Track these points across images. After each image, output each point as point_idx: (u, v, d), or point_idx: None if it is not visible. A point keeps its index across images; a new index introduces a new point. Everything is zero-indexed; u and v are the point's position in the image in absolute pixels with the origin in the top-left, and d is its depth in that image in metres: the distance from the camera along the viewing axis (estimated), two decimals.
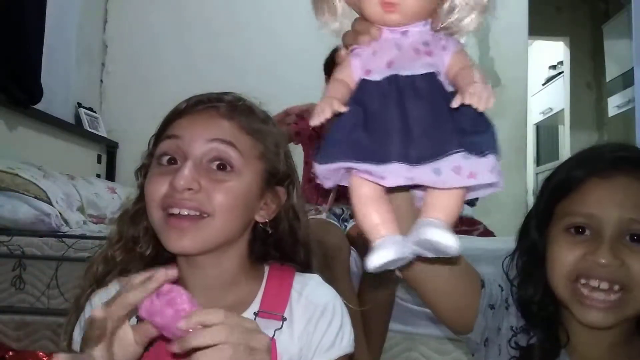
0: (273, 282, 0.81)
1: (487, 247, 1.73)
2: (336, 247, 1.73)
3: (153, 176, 0.76)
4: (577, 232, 0.71)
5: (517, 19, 3.49)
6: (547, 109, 5.76)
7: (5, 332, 1.74)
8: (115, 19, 3.43)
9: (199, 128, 0.75)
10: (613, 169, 0.71)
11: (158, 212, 0.74)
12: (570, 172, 0.75)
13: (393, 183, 0.47)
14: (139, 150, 0.84)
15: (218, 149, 0.74)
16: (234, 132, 0.76)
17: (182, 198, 0.72)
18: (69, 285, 1.76)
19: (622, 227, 0.69)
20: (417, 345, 1.81)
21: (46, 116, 2.62)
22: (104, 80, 3.42)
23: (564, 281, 0.71)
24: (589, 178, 0.72)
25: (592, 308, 0.69)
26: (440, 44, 0.51)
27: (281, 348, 0.74)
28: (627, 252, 0.68)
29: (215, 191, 0.73)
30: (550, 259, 0.73)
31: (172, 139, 0.75)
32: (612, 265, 0.67)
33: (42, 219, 1.88)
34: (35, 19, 2.44)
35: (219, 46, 3.40)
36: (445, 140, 0.47)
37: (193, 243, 0.73)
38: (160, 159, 0.76)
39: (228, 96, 0.79)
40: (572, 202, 0.73)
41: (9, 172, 1.93)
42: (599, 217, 0.70)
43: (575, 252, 0.70)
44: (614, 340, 0.74)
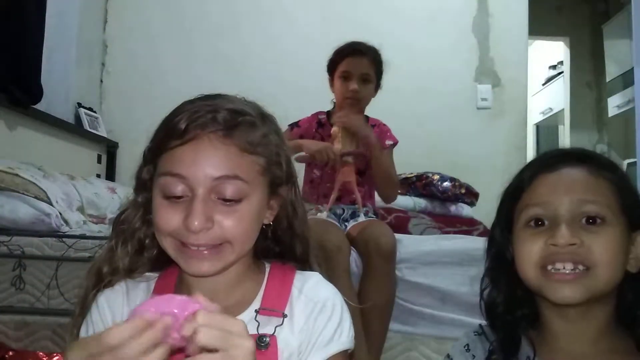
0: (274, 280, 0.82)
1: None
2: (336, 247, 1.73)
3: (161, 208, 0.75)
4: (536, 225, 0.76)
5: (517, 19, 3.48)
6: (547, 109, 5.76)
7: (5, 332, 1.74)
8: (115, 19, 3.43)
9: (202, 165, 0.73)
10: (558, 163, 0.77)
11: (171, 241, 0.75)
12: (520, 175, 0.80)
13: None
14: (139, 150, 0.84)
15: (224, 185, 0.74)
16: (236, 158, 0.75)
17: (198, 237, 0.73)
18: (69, 285, 1.75)
19: (574, 209, 0.73)
20: (417, 345, 1.82)
21: (46, 116, 2.62)
22: (104, 80, 3.42)
23: (533, 271, 0.75)
24: (536, 175, 0.78)
25: (561, 283, 0.73)
26: None
27: (282, 344, 0.75)
28: (585, 233, 0.72)
29: (229, 222, 0.74)
30: (518, 255, 0.78)
31: (176, 178, 0.74)
32: (572, 244, 0.72)
33: (42, 219, 1.88)
34: (35, 19, 2.44)
35: (218, 46, 3.40)
36: None
37: (213, 267, 0.75)
38: (165, 191, 0.75)
39: (223, 113, 0.76)
40: (526, 198, 0.78)
41: (9, 172, 1.92)
42: (551, 202, 0.75)
43: (538, 241, 0.74)
44: (595, 335, 0.77)
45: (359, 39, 2.11)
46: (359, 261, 1.84)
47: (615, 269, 0.73)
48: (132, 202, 0.84)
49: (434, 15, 3.45)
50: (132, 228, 0.83)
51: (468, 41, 3.46)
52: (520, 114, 3.51)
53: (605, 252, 0.72)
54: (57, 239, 1.81)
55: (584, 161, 0.77)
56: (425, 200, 2.82)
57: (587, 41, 5.40)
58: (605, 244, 0.72)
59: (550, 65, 5.76)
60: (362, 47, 2.04)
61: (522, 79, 3.53)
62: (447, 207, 2.85)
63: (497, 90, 3.46)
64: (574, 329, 0.77)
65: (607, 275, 0.73)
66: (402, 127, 2.27)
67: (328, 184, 2.04)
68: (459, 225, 2.70)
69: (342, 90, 2.03)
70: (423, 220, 2.67)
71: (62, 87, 2.89)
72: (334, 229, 1.87)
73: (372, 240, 1.79)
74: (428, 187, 2.80)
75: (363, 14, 3.40)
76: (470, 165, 3.19)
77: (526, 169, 0.80)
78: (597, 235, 0.72)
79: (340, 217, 2.06)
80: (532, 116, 5.66)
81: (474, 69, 3.45)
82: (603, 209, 0.73)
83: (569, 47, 5.41)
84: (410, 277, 1.86)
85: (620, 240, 0.73)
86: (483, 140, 3.39)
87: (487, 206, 3.00)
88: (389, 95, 2.12)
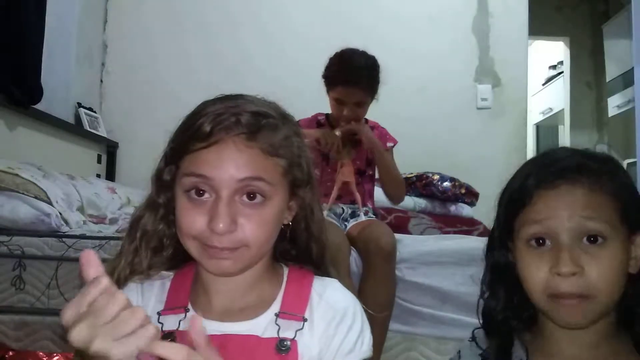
0: (293, 283, 0.81)
1: None
2: (336, 247, 1.73)
3: (185, 210, 0.76)
4: (538, 244, 0.76)
5: (517, 19, 3.48)
6: (547, 109, 5.76)
7: (5, 332, 1.74)
8: (115, 19, 3.43)
9: (227, 167, 0.74)
10: (558, 180, 0.75)
11: (194, 242, 0.76)
12: (520, 186, 0.79)
13: None
14: (139, 150, 0.84)
15: (249, 186, 0.75)
16: (260, 160, 0.76)
17: (221, 240, 0.73)
18: (69, 285, 1.75)
19: (575, 229, 0.73)
20: (417, 345, 1.82)
21: (46, 116, 2.62)
22: (104, 80, 3.42)
23: (540, 295, 0.76)
24: (537, 190, 0.76)
25: (566, 309, 0.74)
26: None
27: (302, 349, 0.75)
28: (586, 257, 0.73)
29: (251, 226, 0.74)
30: (524, 277, 0.78)
31: (201, 179, 0.74)
32: (573, 275, 0.72)
33: (42, 219, 1.88)
34: (35, 19, 2.44)
35: (218, 47, 3.40)
36: None
37: (234, 267, 0.76)
38: (189, 192, 0.75)
39: (247, 115, 0.76)
40: (527, 216, 0.77)
41: (9, 172, 1.92)
42: (551, 224, 0.74)
43: (542, 268, 0.75)
44: (595, 339, 0.77)
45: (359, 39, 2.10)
46: (359, 261, 1.84)
47: (617, 287, 0.74)
48: (151, 202, 0.83)
49: (434, 15, 3.45)
50: (152, 229, 0.83)
51: (468, 41, 3.45)
52: (520, 114, 3.51)
53: (605, 277, 0.72)
54: (57, 239, 1.81)
55: (583, 173, 0.75)
56: (425, 200, 2.82)
57: (587, 41, 5.40)
58: (605, 269, 0.72)
59: (550, 65, 5.77)
60: (355, 75, 1.95)
61: (522, 79, 3.53)
62: (447, 207, 2.85)
63: (497, 90, 3.46)
64: (573, 335, 0.78)
65: (609, 298, 0.74)
66: (402, 127, 2.28)
67: (329, 182, 2.05)
68: (459, 225, 2.70)
69: (336, 112, 2.03)
70: (423, 220, 2.67)
71: (62, 87, 2.89)
72: (333, 229, 1.87)
73: (372, 240, 1.79)
74: (428, 187, 2.80)
75: (363, 14, 3.40)
76: (470, 165, 3.19)
77: (526, 180, 0.78)
78: (598, 259, 0.73)
79: (340, 217, 2.06)
80: (532, 116, 5.66)
81: (474, 69, 3.45)
82: (603, 225, 0.73)
83: (569, 47, 5.41)
84: (410, 277, 1.86)
85: (620, 255, 0.74)
86: (483, 140, 3.39)
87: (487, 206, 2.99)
88: (389, 96, 2.12)
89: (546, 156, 0.81)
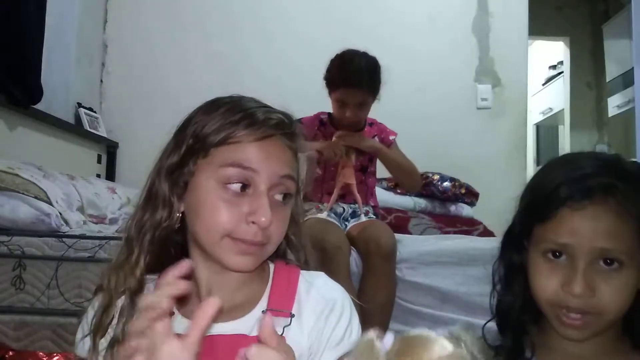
0: (280, 280, 0.82)
1: (487, 247, 1.73)
2: (336, 247, 1.73)
3: (221, 203, 0.75)
4: (554, 257, 0.76)
5: (517, 19, 3.48)
6: (547, 109, 5.76)
7: (5, 332, 1.74)
8: (115, 19, 3.43)
9: (273, 164, 0.76)
10: (585, 200, 0.74)
11: (223, 240, 0.75)
12: (547, 196, 0.77)
13: None
14: (139, 150, 0.84)
15: (285, 184, 0.78)
16: (293, 161, 0.80)
17: (257, 234, 0.74)
18: (69, 285, 1.75)
19: (594, 255, 0.73)
20: None
21: (46, 116, 2.62)
22: (104, 80, 3.42)
23: (546, 304, 0.77)
24: (562, 208, 0.75)
25: (569, 327, 0.76)
26: None
27: (291, 344, 0.74)
28: (599, 279, 0.73)
29: (277, 224, 0.77)
30: (533, 284, 0.79)
31: (247, 170, 0.75)
32: (584, 296, 0.73)
33: (42, 219, 1.88)
34: (35, 19, 2.44)
35: (218, 47, 3.40)
36: None
37: (255, 263, 0.77)
38: (230, 185, 0.75)
39: (287, 117, 0.80)
40: (548, 229, 0.77)
41: (9, 172, 1.92)
42: (572, 246, 0.74)
43: (553, 281, 0.76)
44: (597, 340, 0.78)
45: (359, 39, 2.10)
46: (359, 261, 1.84)
47: (621, 309, 0.75)
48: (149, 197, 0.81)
49: (434, 15, 3.45)
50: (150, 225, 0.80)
51: (468, 41, 3.45)
52: (520, 114, 3.51)
53: (614, 301, 0.73)
54: (57, 239, 1.81)
55: (611, 194, 0.74)
56: (425, 200, 2.83)
57: (587, 41, 5.40)
58: (616, 293, 0.73)
59: (550, 65, 5.77)
60: (357, 77, 1.95)
61: (522, 79, 3.53)
62: (447, 207, 2.85)
63: (497, 90, 3.46)
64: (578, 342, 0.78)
65: (612, 317, 0.75)
66: (402, 127, 2.28)
67: (332, 181, 2.05)
68: (459, 225, 2.70)
69: (338, 114, 2.03)
70: (423, 220, 2.67)
71: (62, 87, 2.89)
72: (334, 229, 1.87)
73: (372, 240, 1.79)
74: (428, 187, 2.80)
75: (363, 14, 3.40)
76: (470, 165, 3.19)
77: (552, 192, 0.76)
78: (611, 281, 0.73)
79: (341, 216, 2.06)
80: (532, 116, 5.66)
81: (474, 69, 3.45)
82: (623, 254, 0.73)
83: (569, 47, 5.41)
84: (410, 277, 1.86)
85: (633, 280, 0.74)
86: (483, 140, 3.39)
87: (487, 206, 3.01)
88: (389, 95, 2.12)
89: (575, 166, 0.78)
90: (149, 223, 0.80)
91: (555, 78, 5.63)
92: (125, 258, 0.80)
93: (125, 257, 0.80)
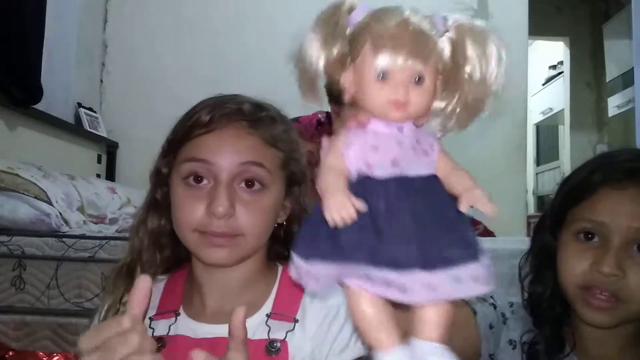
0: (286, 284, 0.81)
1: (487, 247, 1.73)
2: None
3: (184, 199, 0.75)
4: (586, 238, 0.74)
5: (517, 19, 3.49)
6: (547, 109, 5.76)
7: (5, 332, 1.74)
8: (115, 19, 3.43)
9: (228, 151, 0.75)
10: (627, 179, 0.73)
11: (193, 234, 0.75)
12: (585, 179, 0.76)
13: (417, 298, 0.42)
14: (139, 150, 0.84)
15: (249, 171, 0.75)
16: (260, 148, 0.77)
17: (220, 224, 0.73)
18: (69, 285, 1.75)
19: (629, 236, 0.71)
20: None
21: (46, 116, 2.62)
22: (104, 80, 3.42)
23: (573, 287, 0.75)
24: (602, 186, 0.74)
25: (593, 309, 0.73)
26: (428, 141, 0.48)
27: (294, 349, 0.74)
28: (630, 263, 0.71)
29: (248, 214, 0.75)
30: (561, 265, 0.76)
31: (201, 163, 0.75)
32: (614, 276, 0.71)
33: (42, 219, 1.88)
34: (35, 19, 2.44)
35: (218, 46, 3.40)
36: (463, 246, 0.44)
37: (230, 257, 0.76)
38: (188, 179, 0.75)
39: (247, 105, 0.78)
40: (584, 208, 0.75)
41: (9, 172, 1.92)
42: (608, 225, 0.72)
43: (583, 262, 0.73)
44: (623, 343, 0.77)
45: None
46: None
47: None
48: (152, 201, 0.83)
49: None
50: (157, 228, 0.82)
51: None
52: (520, 114, 3.51)
53: None
54: (57, 239, 1.81)
55: None
56: None
57: (587, 41, 5.40)
58: None
59: (550, 65, 5.77)
60: None
61: (522, 79, 3.53)
62: None
63: None
64: (603, 339, 0.77)
65: (639, 308, 0.73)
66: None
67: None
68: None
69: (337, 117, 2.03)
70: None
71: (62, 87, 2.89)
72: None
73: None
74: None
75: None
76: (470, 165, 3.15)
77: (591, 174, 0.76)
78: None
79: None
80: (532, 116, 5.66)
81: None
82: None
83: (569, 47, 5.41)
84: None
85: None
86: (483, 140, 3.39)
87: None
88: None
89: (614, 156, 0.79)
90: (151, 226, 0.82)
91: (555, 78, 5.63)
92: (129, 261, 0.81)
93: (129, 260, 0.81)
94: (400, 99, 0.45)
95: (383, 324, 0.45)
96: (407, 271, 0.42)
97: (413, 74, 0.45)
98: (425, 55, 0.45)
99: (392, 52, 0.44)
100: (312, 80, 0.50)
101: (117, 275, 0.81)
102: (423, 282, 0.42)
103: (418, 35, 0.44)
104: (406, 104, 0.45)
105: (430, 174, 0.47)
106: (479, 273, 0.44)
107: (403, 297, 0.42)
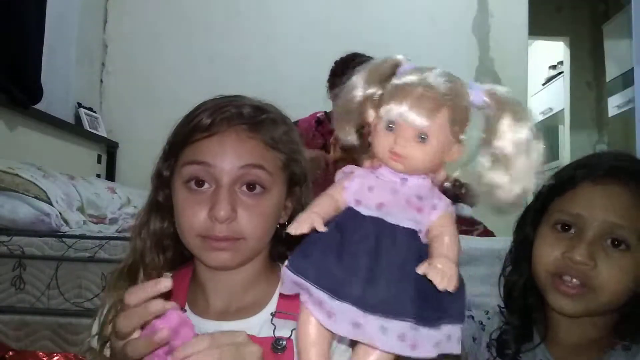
0: None
1: (487, 247, 1.73)
2: None
3: (186, 203, 0.76)
4: (562, 230, 0.77)
5: (517, 19, 3.49)
6: (547, 109, 5.75)
7: (5, 332, 1.74)
8: (115, 19, 3.44)
9: (229, 155, 0.75)
10: (609, 177, 0.75)
11: (196, 239, 0.75)
12: (567, 174, 0.79)
13: (338, 329, 0.46)
14: (139, 150, 0.84)
15: (250, 174, 0.75)
16: (261, 151, 0.77)
17: (222, 228, 0.74)
18: (69, 285, 1.75)
19: (604, 230, 0.74)
20: None
21: (46, 116, 2.62)
22: (104, 80, 3.42)
23: (544, 274, 0.77)
24: (583, 181, 0.77)
25: (561, 295, 0.75)
26: (432, 202, 0.51)
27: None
28: (602, 255, 0.73)
29: (250, 217, 0.75)
30: (535, 252, 0.79)
31: (202, 166, 0.75)
32: (585, 265, 0.73)
33: (42, 219, 1.88)
34: (35, 19, 2.44)
35: (219, 46, 3.40)
36: (404, 302, 0.46)
37: (232, 260, 0.76)
38: (189, 184, 0.76)
39: (247, 108, 0.78)
40: (564, 201, 0.78)
41: (9, 172, 1.92)
42: (584, 217, 0.75)
43: (556, 250, 0.76)
44: (594, 335, 0.79)
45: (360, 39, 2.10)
46: None
47: (619, 294, 0.74)
48: (154, 203, 0.83)
49: (434, 15, 3.45)
50: (159, 230, 0.82)
51: (468, 41, 3.45)
52: None
53: (612, 280, 0.73)
54: (57, 239, 1.81)
55: (634, 179, 0.75)
56: None
57: (587, 41, 5.40)
58: (616, 273, 0.73)
59: (550, 65, 5.76)
60: None
61: (522, 79, 3.53)
62: None
63: None
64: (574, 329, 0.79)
65: (607, 299, 0.74)
66: None
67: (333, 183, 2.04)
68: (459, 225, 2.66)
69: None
70: None
71: (62, 87, 2.89)
72: None
73: None
74: None
75: (363, 14, 3.40)
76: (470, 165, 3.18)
77: (574, 170, 0.79)
78: (614, 261, 0.73)
79: None
80: None
81: (474, 69, 3.45)
82: (632, 236, 0.73)
83: (569, 47, 5.41)
84: None
85: (635, 268, 0.74)
86: None
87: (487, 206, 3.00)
88: None
89: (602, 155, 0.82)
90: (153, 228, 0.82)
91: (555, 78, 5.62)
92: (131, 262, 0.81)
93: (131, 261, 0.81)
94: (398, 152, 0.48)
95: (318, 348, 0.48)
96: (340, 301, 0.45)
97: (417, 131, 0.48)
98: (432, 116, 0.48)
99: (402, 106, 0.47)
100: (349, 112, 0.52)
101: (118, 276, 0.81)
102: (350, 316, 0.45)
103: (432, 96, 0.48)
104: (405, 157, 0.48)
105: (411, 229, 0.49)
106: (407, 333, 0.45)
107: (327, 322, 0.46)
